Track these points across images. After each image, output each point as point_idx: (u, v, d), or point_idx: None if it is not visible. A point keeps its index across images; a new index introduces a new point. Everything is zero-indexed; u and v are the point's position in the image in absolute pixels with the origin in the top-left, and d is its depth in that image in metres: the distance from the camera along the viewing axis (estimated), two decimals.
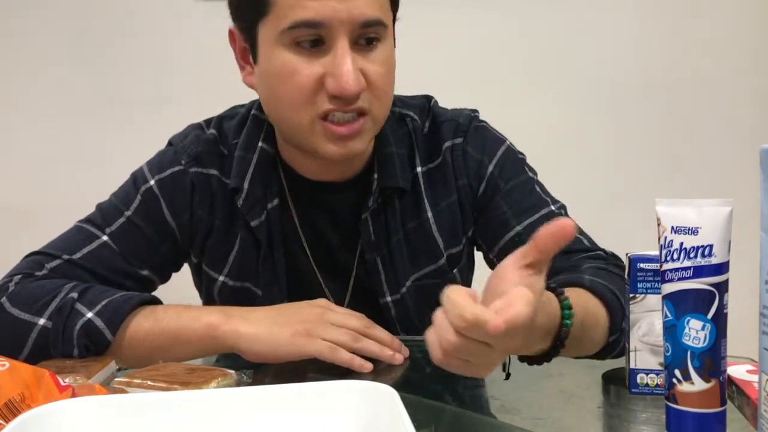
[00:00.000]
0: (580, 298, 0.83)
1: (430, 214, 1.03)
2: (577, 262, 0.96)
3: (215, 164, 1.03)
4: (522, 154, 1.08)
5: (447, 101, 1.12)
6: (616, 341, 0.87)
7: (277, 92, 0.93)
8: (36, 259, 0.98)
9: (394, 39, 0.98)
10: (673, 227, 0.63)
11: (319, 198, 1.03)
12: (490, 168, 1.04)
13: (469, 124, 1.06)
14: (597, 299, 0.85)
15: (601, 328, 0.86)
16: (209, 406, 0.61)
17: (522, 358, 0.77)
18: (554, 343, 0.74)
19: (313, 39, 0.88)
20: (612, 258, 0.98)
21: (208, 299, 1.08)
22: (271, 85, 0.93)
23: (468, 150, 1.04)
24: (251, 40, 0.94)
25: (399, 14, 0.98)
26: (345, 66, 0.87)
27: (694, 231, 0.62)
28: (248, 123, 1.04)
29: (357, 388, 0.62)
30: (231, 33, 0.98)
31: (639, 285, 0.77)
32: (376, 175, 1.00)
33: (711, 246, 0.61)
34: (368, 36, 0.90)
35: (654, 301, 0.76)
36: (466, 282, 1.10)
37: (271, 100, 0.96)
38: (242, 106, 1.08)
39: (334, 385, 0.63)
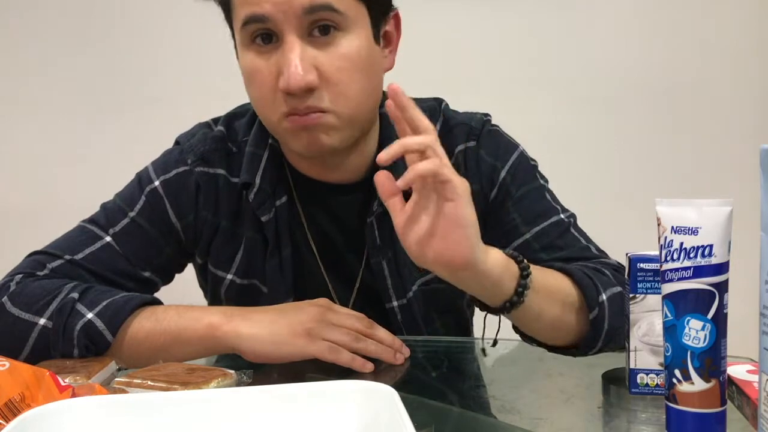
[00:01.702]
0: (542, 270, 0.88)
1: None
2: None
3: (222, 163, 1.03)
4: (534, 160, 1.07)
5: (447, 101, 1.11)
6: (599, 319, 0.88)
7: (249, 92, 0.95)
8: (38, 258, 0.98)
9: (377, 30, 0.94)
10: (673, 227, 0.63)
11: (325, 199, 1.03)
12: (503, 174, 1.03)
13: (481, 127, 1.05)
14: (567, 276, 0.90)
15: (575, 299, 0.88)
16: (209, 406, 0.61)
17: (495, 310, 0.83)
18: (518, 282, 0.80)
19: (264, 34, 0.88)
20: (617, 267, 0.97)
21: (214, 299, 1.08)
22: (246, 86, 0.95)
23: (481, 154, 1.03)
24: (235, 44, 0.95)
25: (396, 9, 0.97)
26: (291, 61, 0.86)
27: (694, 231, 0.62)
28: (258, 119, 1.04)
29: (357, 388, 0.62)
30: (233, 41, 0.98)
31: (639, 285, 0.77)
32: None
33: (711, 246, 0.61)
34: (321, 24, 0.87)
35: (654, 301, 0.76)
36: None
37: (250, 100, 0.97)
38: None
39: (334, 385, 0.63)
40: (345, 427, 0.60)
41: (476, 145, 1.03)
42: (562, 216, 1.02)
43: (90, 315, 0.87)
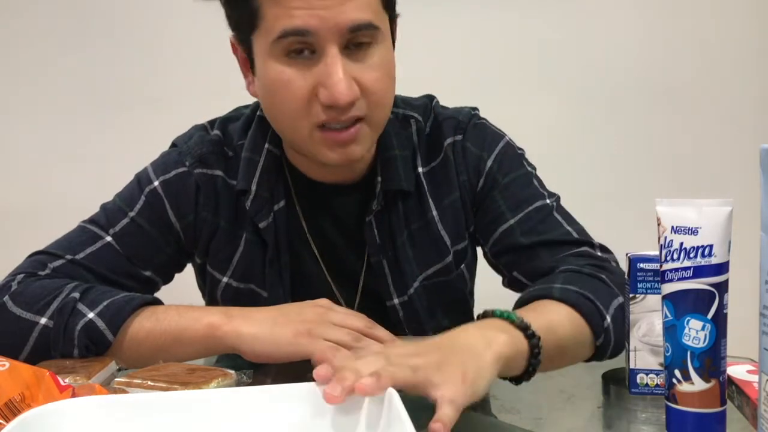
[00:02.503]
0: (551, 313, 0.83)
1: (435, 213, 1.04)
2: (560, 261, 0.96)
3: (220, 165, 1.03)
4: (521, 149, 1.09)
5: (447, 101, 1.12)
6: (605, 343, 0.87)
7: (274, 103, 0.94)
8: (39, 258, 0.98)
9: (394, 38, 0.97)
10: (673, 227, 0.63)
11: (324, 200, 1.04)
12: (489, 163, 1.04)
13: (468, 121, 1.06)
14: (569, 308, 0.85)
15: (582, 335, 0.85)
16: (209, 406, 0.61)
17: (518, 379, 0.78)
18: (525, 335, 0.74)
19: (302, 48, 0.88)
20: (597, 255, 0.97)
21: (212, 301, 1.08)
22: (268, 96, 0.94)
23: (467, 146, 1.05)
24: (249, 51, 0.94)
25: (400, 14, 0.98)
26: (336, 75, 0.87)
27: (694, 231, 0.62)
28: (254, 125, 1.04)
29: None
30: (232, 43, 0.98)
31: (639, 285, 0.77)
32: (379, 178, 1.00)
33: (711, 246, 0.61)
34: (360, 41, 0.89)
35: (654, 301, 0.76)
36: (470, 277, 1.11)
37: (270, 110, 0.97)
38: (246, 107, 1.08)
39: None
40: (346, 427, 0.60)
41: (463, 138, 1.05)
42: (547, 201, 1.03)
43: (91, 315, 0.87)
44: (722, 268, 0.61)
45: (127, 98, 2.10)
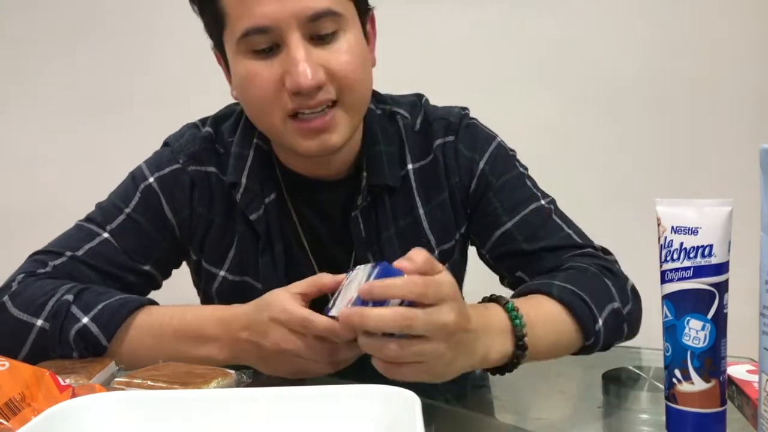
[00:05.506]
0: (544, 310, 0.85)
1: (421, 211, 1.04)
2: (565, 261, 0.96)
3: (213, 162, 1.04)
4: (513, 150, 1.09)
5: (447, 101, 1.12)
6: (593, 345, 0.87)
7: (246, 99, 0.95)
8: (39, 258, 0.98)
9: (364, 27, 0.96)
10: (673, 227, 0.63)
11: (312, 195, 1.04)
12: (481, 165, 1.04)
13: (459, 122, 1.07)
14: (563, 308, 0.86)
15: (570, 337, 0.86)
16: (249, 405, 0.60)
17: (493, 371, 0.80)
18: (516, 343, 0.77)
19: (268, 45, 0.89)
20: (601, 255, 0.98)
21: (206, 297, 1.08)
22: (241, 93, 0.95)
23: (459, 148, 1.05)
24: (224, 54, 0.96)
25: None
26: (298, 60, 0.87)
27: (694, 231, 0.62)
28: (242, 120, 1.05)
29: (374, 392, 0.61)
30: (215, 53, 0.99)
31: None
32: (364, 173, 1.01)
33: (711, 246, 0.61)
34: (324, 31, 0.89)
35: None
36: (458, 277, 1.11)
37: (245, 106, 0.98)
38: (237, 104, 1.09)
39: (352, 388, 0.62)
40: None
41: (455, 140, 1.05)
42: (542, 202, 1.03)
43: (85, 320, 0.87)
44: (722, 268, 0.61)
45: (127, 98, 2.10)
